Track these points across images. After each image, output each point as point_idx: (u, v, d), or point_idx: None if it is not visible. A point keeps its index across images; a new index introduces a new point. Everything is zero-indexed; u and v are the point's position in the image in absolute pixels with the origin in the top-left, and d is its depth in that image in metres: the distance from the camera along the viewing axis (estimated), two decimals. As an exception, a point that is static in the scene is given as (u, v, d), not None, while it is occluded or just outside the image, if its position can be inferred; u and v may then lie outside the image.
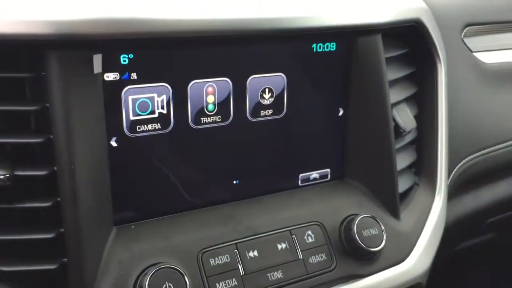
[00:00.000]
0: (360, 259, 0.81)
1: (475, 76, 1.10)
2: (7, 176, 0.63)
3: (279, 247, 0.77)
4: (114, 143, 0.71)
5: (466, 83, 1.07)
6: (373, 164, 0.87)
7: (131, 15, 0.64)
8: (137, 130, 0.72)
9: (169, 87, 0.72)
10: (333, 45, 0.83)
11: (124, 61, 0.68)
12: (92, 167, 0.67)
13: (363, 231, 0.79)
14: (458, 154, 1.04)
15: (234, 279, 0.72)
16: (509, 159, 1.14)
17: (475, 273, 1.63)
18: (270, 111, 0.81)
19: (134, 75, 0.70)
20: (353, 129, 0.88)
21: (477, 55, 1.11)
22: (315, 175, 0.88)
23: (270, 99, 0.80)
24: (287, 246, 0.78)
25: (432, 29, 0.90)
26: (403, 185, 0.92)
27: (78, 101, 0.64)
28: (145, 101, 0.71)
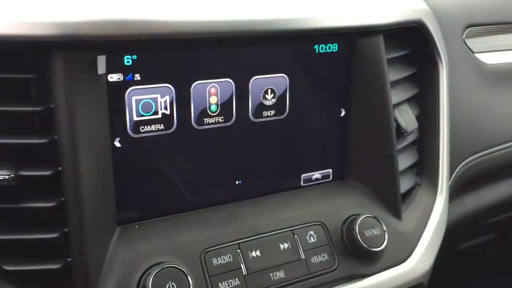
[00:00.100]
0: (362, 259, 0.81)
1: (477, 77, 1.10)
2: (11, 176, 0.63)
3: (282, 247, 0.78)
4: (117, 144, 0.71)
5: (467, 84, 1.08)
6: (375, 164, 0.88)
7: (135, 17, 0.65)
8: (141, 130, 0.72)
9: (172, 88, 0.73)
10: (335, 46, 0.83)
11: (127, 62, 0.69)
12: (96, 167, 0.67)
13: (365, 231, 0.79)
14: (459, 154, 1.04)
15: (236, 279, 0.73)
16: (511, 159, 1.14)
17: (476, 273, 1.63)
18: (272, 112, 0.81)
19: (137, 76, 0.70)
20: (355, 130, 0.88)
21: (478, 56, 1.11)
22: (317, 175, 0.89)
23: (272, 99, 0.81)
24: (289, 246, 0.78)
25: (433, 30, 0.90)
26: (404, 185, 0.92)
27: (82, 102, 0.64)
28: (149, 101, 0.72)
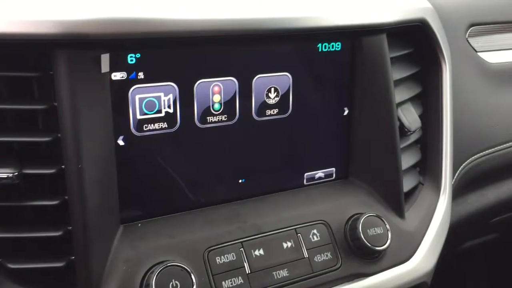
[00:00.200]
0: (365, 258, 0.81)
1: (480, 76, 1.10)
2: (15, 174, 0.63)
3: (285, 245, 0.77)
4: (121, 142, 0.71)
5: (470, 82, 1.07)
6: (378, 163, 0.88)
7: (139, 15, 0.65)
8: (144, 129, 0.72)
9: (176, 87, 0.73)
10: (338, 44, 0.83)
11: (131, 60, 0.69)
12: (99, 165, 0.67)
13: (368, 230, 0.79)
14: (462, 153, 1.04)
15: (240, 277, 0.73)
16: (514, 158, 1.14)
17: (479, 272, 1.62)
18: (275, 111, 0.81)
19: (141, 75, 0.70)
20: (358, 129, 0.88)
21: (481, 55, 1.11)
22: (320, 174, 0.89)
23: (275, 98, 0.81)
24: (293, 244, 0.78)
25: (437, 29, 0.90)
26: (408, 184, 0.92)
27: (85, 100, 0.64)
28: (152, 100, 0.72)
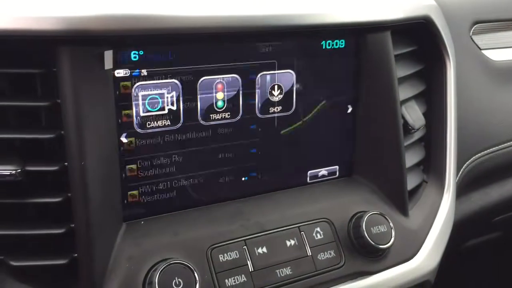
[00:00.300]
0: (368, 256, 0.81)
1: (484, 73, 1.09)
2: (18, 171, 0.63)
3: (288, 243, 0.77)
4: (124, 139, 0.71)
5: (474, 80, 1.07)
6: (381, 161, 0.87)
7: (142, 12, 0.65)
8: (147, 126, 0.72)
9: (179, 84, 0.72)
10: (342, 42, 0.83)
11: (134, 57, 0.69)
12: (102, 163, 0.67)
13: (372, 228, 0.79)
14: (466, 151, 1.03)
15: (243, 275, 0.73)
16: (517, 157, 1.13)
17: (482, 271, 1.62)
18: (279, 108, 0.81)
19: (144, 72, 0.70)
20: (362, 126, 0.87)
21: (485, 52, 1.11)
22: (323, 172, 0.88)
23: (279, 96, 0.80)
24: (296, 242, 0.78)
25: (441, 26, 0.90)
26: (411, 182, 0.92)
27: (89, 97, 0.64)
28: (155, 97, 0.72)
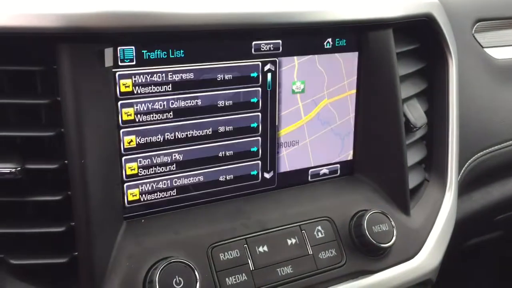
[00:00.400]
0: (370, 255, 0.81)
1: (486, 71, 1.09)
2: (18, 169, 0.63)
3: (289, 242, 0.77)
4: (124, 137, 0.71)
5: (476, 78, 1.07)
6: (383, 159, 0.87)
7: (143, 9, 0.64)
8: (147, 124, 0.72)
9: (179, 81, 0.72)
10: (343, 40, 0.82)
11: (135, 54, 0.68)
12: (102, 161, 0.67)
13: (373, 227, 0.79)
14: (468, 150, 1.03)
15: (243, 274, 0.72)
16: (520, 155, 1.13)
17: (483, 270, 1.62)
18: (280, 106, 0.80)
19: (144, 69, 0.69)
20: (364, 125, 0.87)
21: (488, 50, 1.11)
22: (324, 170, 0.88)
23: (280, 93, 0.80)
24: (297, 241, 0.77)
25: (443, 24, 0.89)
26: (413, 181, 0.91)
27: (89, 95, 0.64)
28: (155, 95, 0.71)
